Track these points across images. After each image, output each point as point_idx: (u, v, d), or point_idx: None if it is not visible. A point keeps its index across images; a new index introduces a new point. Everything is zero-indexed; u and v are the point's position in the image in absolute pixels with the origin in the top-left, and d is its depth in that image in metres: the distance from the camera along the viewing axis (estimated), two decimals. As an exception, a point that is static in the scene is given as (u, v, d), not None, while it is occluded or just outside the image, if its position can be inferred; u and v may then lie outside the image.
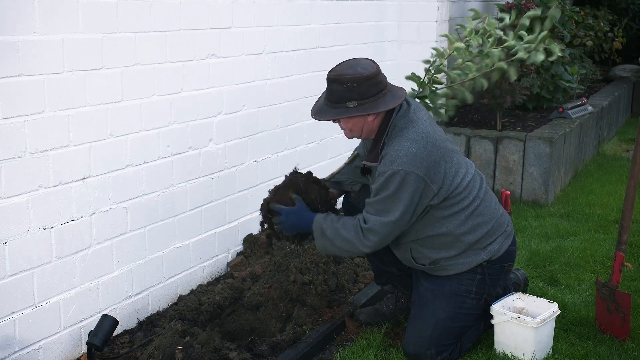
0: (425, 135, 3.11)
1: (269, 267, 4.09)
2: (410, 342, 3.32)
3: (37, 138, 2.99)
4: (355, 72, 3.06)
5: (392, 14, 5.82)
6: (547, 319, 3.32)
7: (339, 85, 3.08)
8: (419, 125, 3.13)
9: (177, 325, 3.40)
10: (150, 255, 3.69)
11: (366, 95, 3.07)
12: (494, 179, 5.89)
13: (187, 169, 3.86)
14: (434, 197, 3.13)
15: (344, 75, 3.07)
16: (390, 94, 3.13)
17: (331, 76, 3.12)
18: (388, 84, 3.17)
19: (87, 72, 3.19)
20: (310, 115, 3.21)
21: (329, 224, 3.23)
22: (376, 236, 3.14)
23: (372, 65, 3.13)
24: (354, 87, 3.05)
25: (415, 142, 3.07)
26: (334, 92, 3.11)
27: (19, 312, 3.01)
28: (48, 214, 3.09)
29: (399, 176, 3.04)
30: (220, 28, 3.98)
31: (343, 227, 3.19)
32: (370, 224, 3.13)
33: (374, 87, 3.08)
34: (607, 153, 7.68)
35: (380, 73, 3.12)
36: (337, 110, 3.11)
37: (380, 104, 3.09)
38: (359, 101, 3.07)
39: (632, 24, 10.47)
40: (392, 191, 3.06)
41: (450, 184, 3.15)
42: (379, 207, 3.11)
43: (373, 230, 3.13)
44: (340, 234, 3.19)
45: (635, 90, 9.94)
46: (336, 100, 3.11)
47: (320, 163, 5.03)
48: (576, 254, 4.62)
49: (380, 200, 3.10)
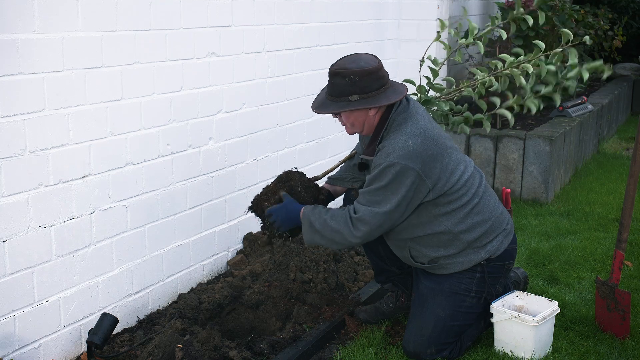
0: (424, 130, 3.11)
1: (269, 265, 4.09)
2: (410, 340, 3.32)
3: (37, 136, 2.99)
4: (358, 66, 3.06)
5: (391, 13, 5.82)
6: (547, 318, 3.32)
7: (341, 79, 3.08)
8: (418, 120, 3.13)
9: (177, 324, 3.40)
10: (150, 253, 3.69)
11: (368, 89, 3.07)
12: (494, 177, 5.89)
13: (187, 168, 3.86)
14: (429, 192, 3.12)
15: (346, 69, 3.07)
16: (391, 89, 3.14)
17: (333, 70, 3.11)
18: (389, 80, 3.18)
19: (87, 71, 3.19)
20: (311, 109, 3.21)
21: (317, 215, 3.20)
22: (366, 226, 3.11)
23: (374, 59, 3.13)
24: (356, 80, 3.05)
25: (413, 136, 3.07)
26: (336, 85, 3.10)
27: (19, 310, 3.01)
28: (48, 212, 3.09)
29: (394, 169, 3.03)
30: (220, 26, 3.98)
31: (332, 218, 3.16)
32: (361, 213, 3.11)
33: (376, 81, 3.08)
34: (607, 151, 7.68)
35: (382, 68, 3.13)
36: (339, 104, 3.11)
37: (382, 98, 3.09)
38: (361, 95, 3.07)
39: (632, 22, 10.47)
40: (385, 183, 3.05)
41: (447, 180, 3.14)
42: (371, 197, 3.10)
43: (363, 220, 3.10)
44: (328, 224, 3.16)
45: (635, 89, 9.94)
46: (338, 94, 3.10)
47: (320, 161, 5.03)
48: (576, 252, 4.62)
49: (373, 191, 3.09)
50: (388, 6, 5.75)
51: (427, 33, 5.87)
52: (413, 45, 5.92)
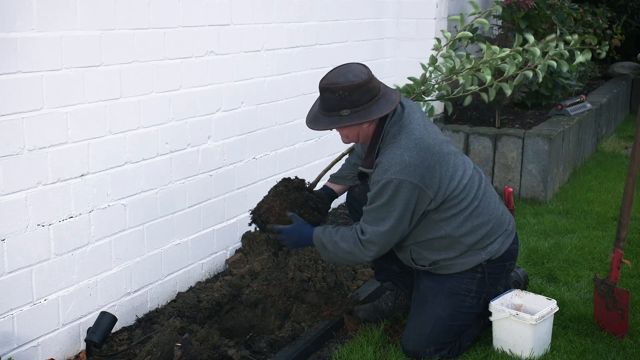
0: (419, 141, 3.09)
1: (268, 264, 4.09)
2: (409, 339, 3.33)
3: (36, 135, 2.99)
4: (347, 80, 3.03)
5: (390, 11, 5.81)
6: (546, 316, 3.32)
7: (330, 94, 3.06)
8: (412, 131, 3.11)
9: (175, 323, 3.40)
10: (149, 252, 3.69)
11: (359, 103, 3.05)
12: (493, 176, 5.89)
13: (185, 166, 3.85)
14: (431, 202, 3.14)
15: (335, 84, 3.04)
16: (383, 99, 3.10)
17: (323, 85, 3.09)
18: (381, 88, 3.13)
19: (85, 69, 3.18)
20: (305, 123, 3.21)
21: (328, 237, 3.24)
22: (375, 246, 3.16)
23: (363, 71, 3.09)
24: (346, 95, 3.03)
25: (408, 149, 3.06)
26: (326, 100, 3.09)
27: (17, 309, 3.01)
28: (46, 211, 3.09)
29: (392, 185, 3.04)
30: (219, 25, 3.98)
31: (342, 240, 3.20)
32: (368, 235, 3.15)
33: (367, 93, 3.05)
34: (606, 150, 7.68)
35: (372, 79, 3.09)
36: (331, 119, 3.10)
37: (374, 111, 3.07)
38: (352, 109, 3.05)
39: (630, 21, 10.46)
40: (386, 199, 3.07)
41: (446, 187, 3.15)
42: (375, 215, 3.13)
43: (371, 242, 3.15)
44: (340, 247, 3.21)
45: (634, 88, 9.94)
46: (329, 108, 3.09)
47: (319, 160, 5.03)
48: (575, 251, 4.62)
49: (376, 209, 3.12)
50: (387, 5, 5.75)
51: (426, 32, 5.87)
52: (412, 44, 5.92)
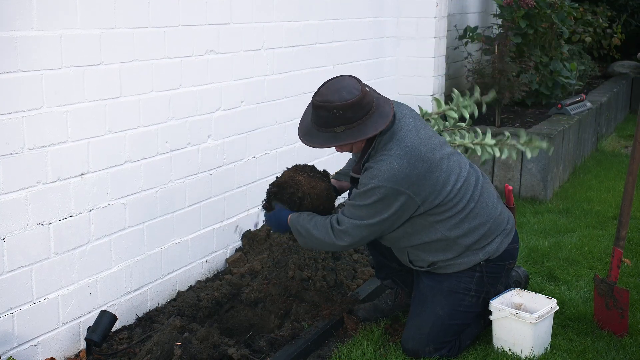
0: (409, 149, 3.08)
1: (268, 263, 4.09)
2: (409, 338, 3.33)
3: (35, 134, 2.99)
4: (341, 99, 3.02)
5: (390, 10, 5.81)
6: (546, 315, 3.32)
7: (324, 112, 3.06)
8: (403, 138, 3.10)
9: (175, 321, 3.40)
10: (149, 251, 3.69)
11: (353, 120, 3.05)
12: (493, 175, 5.89)
13: (185, 165, 3.85)
14: (419, 208, 3.13)
15: (329, 102, 3.04)
16: (377, 113, 3.09)
17: (316, 102, 3.08)
18: (374, 101, 3.11)
19: (85, 68, 3.18)
20: (298, 137, 3.21)
21: (302, 223, 3.26)
22: (349, 237, 3.17)
23: (357, 87, 3.07)
24: (340, 113, 3.03)
25: (398, 157, 3.05)
26: (320, 117, 3.09)
27: (17, 308, 3.01)
28: (46, 209, 3.09)
29: (378, 191, 3.05)
30: (219, 24, 3.97)
31: (315, 227, 3.23)
32: (344, 226, 3.16)
33: (360, 110, 3.05)
34: (606, 149, 7.69)
35: (365, 94, 3.07)
36: (326, 135, 3.10)
37: (369, 127, 3.06)
38: (347, 125, 3.05)
39: (631, 20, 10.47)
40: (369, 203, 3.08)
41: (439, 193, 3.13)
42: (355, 212, 3.14)
43: (346, 232, 3.16)
44: (312, 233, 3.23)
45: (634, 87, 9.94)
46: (323, 124, 3.09)
47: (320, 159, 5.03)
48: (574, 250, 4.62)
49: (357, 207, 3.13)
50: (387, 4, 5.74)
51: (426, 31, 5.87)
52: (412, 43, 5.92)
